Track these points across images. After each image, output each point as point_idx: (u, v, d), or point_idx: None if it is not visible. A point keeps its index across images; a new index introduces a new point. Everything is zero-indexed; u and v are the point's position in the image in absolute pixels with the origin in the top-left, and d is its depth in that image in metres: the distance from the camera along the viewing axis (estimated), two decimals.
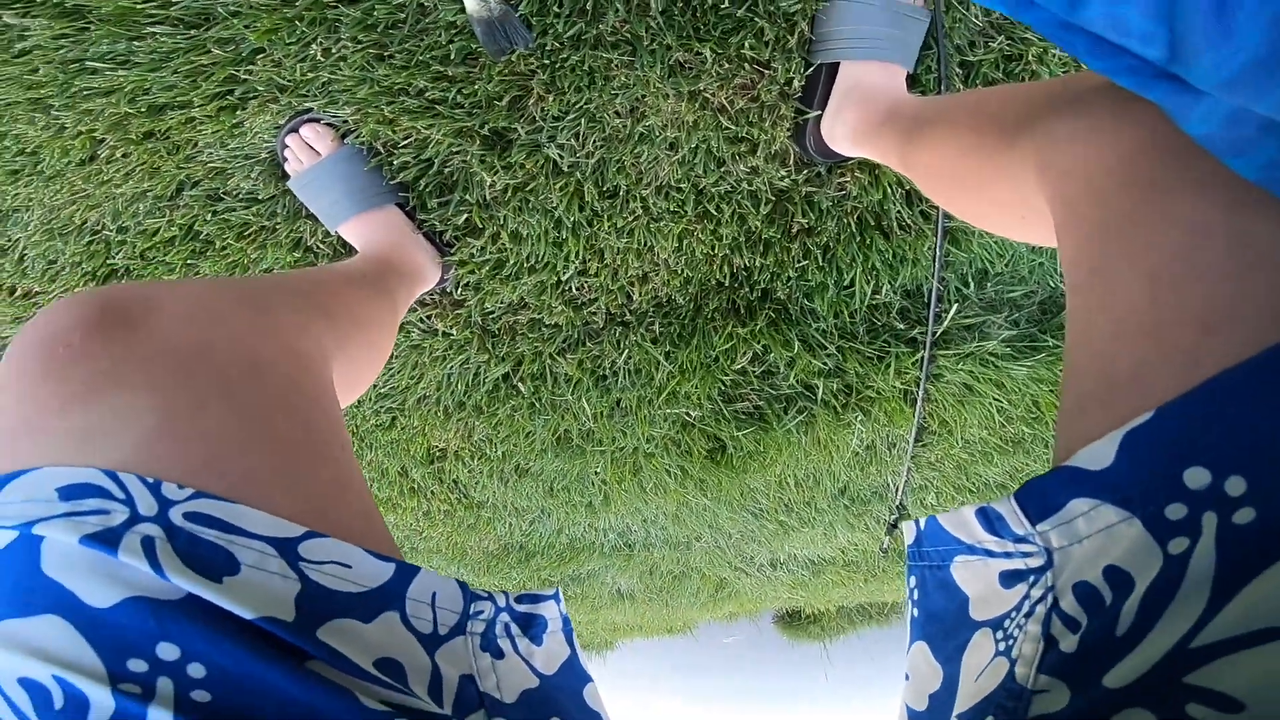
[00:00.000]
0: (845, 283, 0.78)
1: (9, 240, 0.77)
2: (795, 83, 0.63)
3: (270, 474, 0.28)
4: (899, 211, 0.72)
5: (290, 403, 0.32)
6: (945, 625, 0.30)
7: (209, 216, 0.72)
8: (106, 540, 0.24)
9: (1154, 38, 0.21)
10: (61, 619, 0.23)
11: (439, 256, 0.74)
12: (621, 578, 1.66)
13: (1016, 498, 0.27)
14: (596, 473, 1.06)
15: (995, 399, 0.88)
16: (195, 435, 0.27)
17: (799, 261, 0.77)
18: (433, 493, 1.13)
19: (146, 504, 0.25)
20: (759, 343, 0.83)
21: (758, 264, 0.77)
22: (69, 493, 0.25)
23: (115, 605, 0.23)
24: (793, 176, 0.70)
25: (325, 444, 0.32)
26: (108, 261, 0.77)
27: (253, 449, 0.29)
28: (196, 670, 0.23)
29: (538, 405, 0.92)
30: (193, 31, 0.59)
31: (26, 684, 0.22)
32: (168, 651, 0.23)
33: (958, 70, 0.63)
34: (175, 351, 0.29)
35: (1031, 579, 0.26)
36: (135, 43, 0.59)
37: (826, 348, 0.84)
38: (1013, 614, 0.26)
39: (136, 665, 0.23)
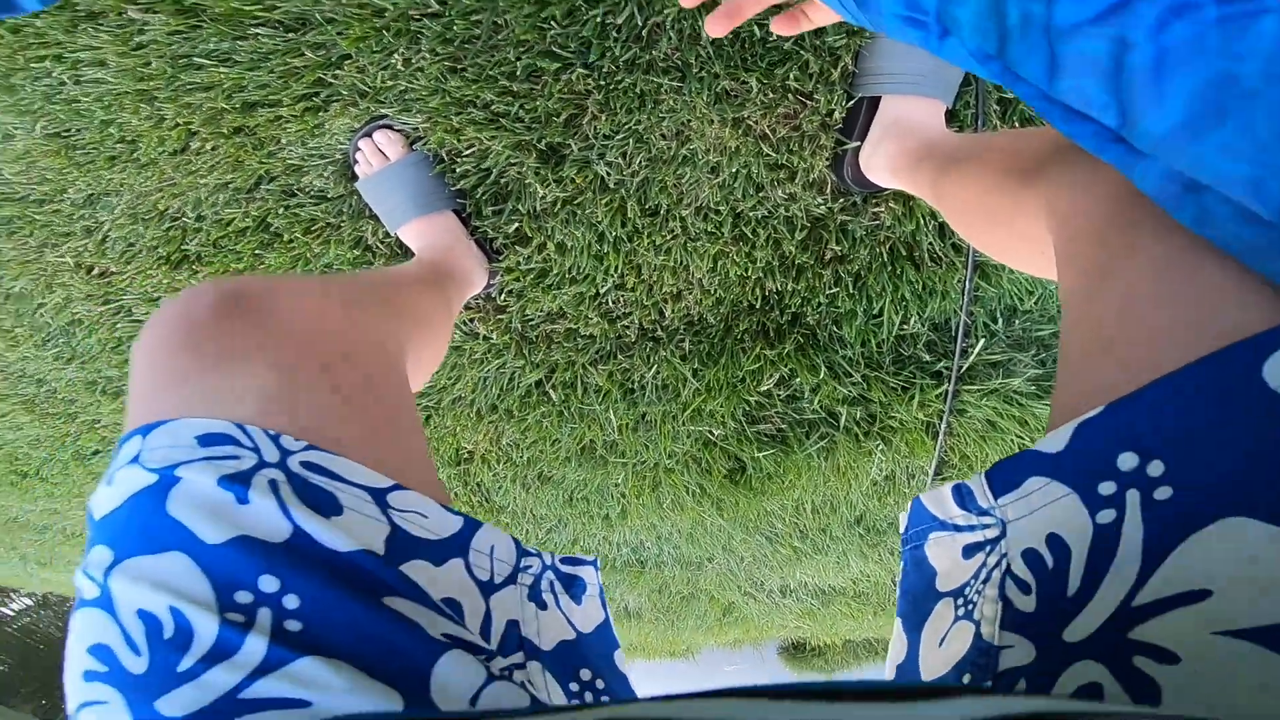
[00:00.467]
0: (874, 311, 0.80)
1: (95, 222, 0.83)
2: (836, 114, 0.67)
3: (360, 443, 0.33)
4: (931, 243, 0.74)
5: (375, 386, 0.36)
6: (915, 600, 0.33)
7: (281, 210, 0.77)
8: (240, 481, 0.27)
9: (1109, 107, 0.25)
10: (184, 555, 0.26)
11: (487, 263, 0.78)
12: (630, 594, 1.66)
13: (986, 474, 0.30)
14: (617, 484, 1.08)
15: (1017, 436, 0.89)
16: (304, 404, 0.32)
17: (830, 288, 0.79)
18: (456, 494, 1.16)
19: (270, 452, 0.29)
20: (786, 366, 0.85)
21: (789, 288, 0.80)
22: (206, 440, 0.29)
23: (226, 542, 0.26)
24: (829, 204, 0.73)
25: (401, 426, 0.37)
26: (181, 247, 0.83)
27: (347, 421, 0.33)
28: (292, 601, 0.26)
29: (566, 413, 0.95)
30: (290, 35, 0.65)
31: (143, 615, 0.25)
32: (269, 584, 0.26)
33: (995, 107, 0.66)
34: (290, 335, 0.34)
35: (988, 549, 0.29)
36: (239, 42, 0.65)
37: (852, 375, 0.86)
38: (971, 581, 0.30)
39: (242, 597, 0.26)
